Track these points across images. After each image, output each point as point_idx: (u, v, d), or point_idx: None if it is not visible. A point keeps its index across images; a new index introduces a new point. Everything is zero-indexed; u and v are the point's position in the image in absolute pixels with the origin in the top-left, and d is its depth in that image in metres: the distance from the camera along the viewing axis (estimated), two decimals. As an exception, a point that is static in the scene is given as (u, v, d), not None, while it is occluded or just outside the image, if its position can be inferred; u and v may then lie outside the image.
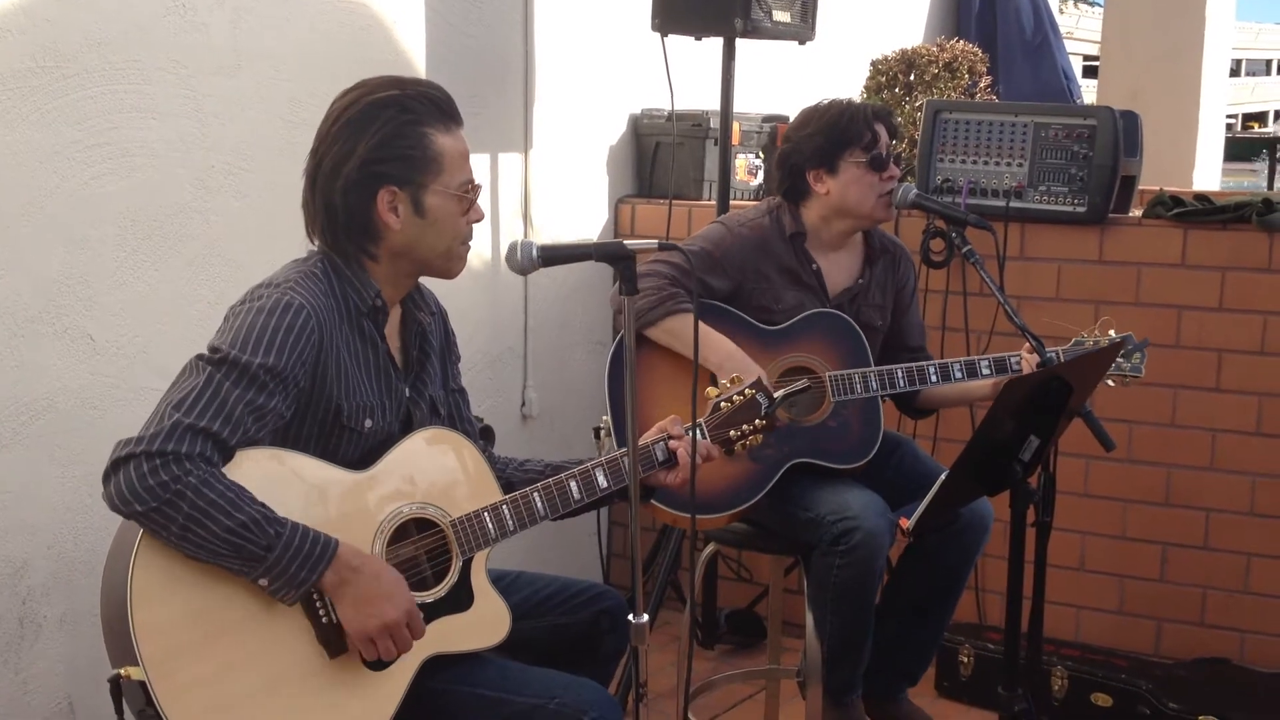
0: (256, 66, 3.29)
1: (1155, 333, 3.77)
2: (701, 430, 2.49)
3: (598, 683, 2.38)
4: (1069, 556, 4.03)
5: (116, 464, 2.04)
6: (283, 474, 2.16)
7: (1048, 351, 3.08)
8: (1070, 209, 3.94)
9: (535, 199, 4.23)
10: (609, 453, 2.46)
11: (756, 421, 2.53)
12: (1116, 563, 4.02)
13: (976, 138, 4.04)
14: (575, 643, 2.50)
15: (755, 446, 2.58)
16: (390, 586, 2.16)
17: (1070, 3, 12.21)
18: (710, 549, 3.42)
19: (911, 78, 4.70)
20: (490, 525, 2.32)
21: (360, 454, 2.28)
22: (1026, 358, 3.14)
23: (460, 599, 2.29)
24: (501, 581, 2.42)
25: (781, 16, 3.98)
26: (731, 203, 4.11)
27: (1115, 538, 4.02)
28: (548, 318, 4.34)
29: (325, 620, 2.14)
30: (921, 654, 3.33)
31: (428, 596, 2.26)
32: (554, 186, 4.31)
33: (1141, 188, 4.16)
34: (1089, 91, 8.53)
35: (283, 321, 2.15)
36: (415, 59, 3.74)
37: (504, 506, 2.33)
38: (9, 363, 2.83)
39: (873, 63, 4.81)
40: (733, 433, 2.52)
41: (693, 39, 4.05)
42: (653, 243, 2.38)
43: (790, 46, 4.18)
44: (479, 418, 2.65)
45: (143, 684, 2.01)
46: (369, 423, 2.27)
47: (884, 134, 3.23)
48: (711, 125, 4.43)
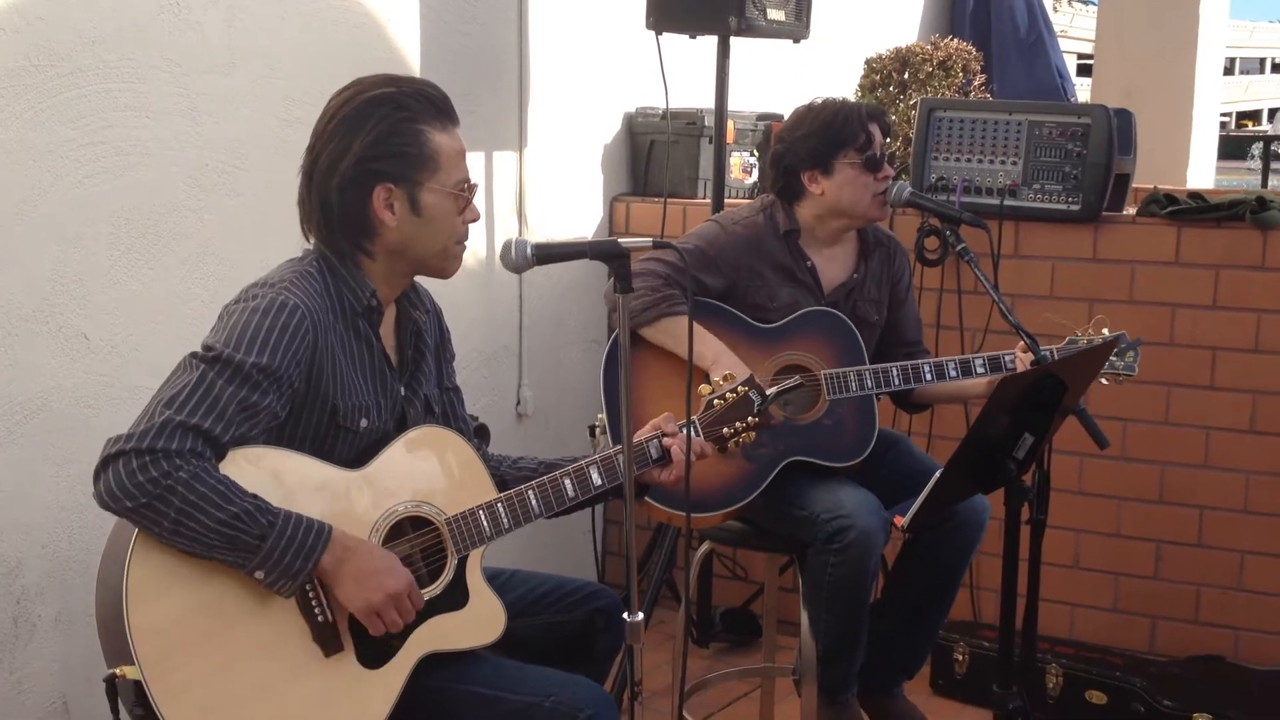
0: (251, 65, 3.28)
1: (1149, 331, 3.78)
2: (695, 428, 2.50)
3: (593, 681, 2.38)
4: (1063, 554, 4.04)
5: (106, 461, 2.04)
6: (277, 473, 2.16)
7: (1042, 350, 3.08)
8: (1064, 207, 3.94)
9: (530, 197, 4.23)
10: (604, 450, 2.46)
11: (749, 419, 2.53)
12: (1111, 560, 4.03)
13: (971, 136, 4.04)
14: (570, 641, 2.50)
15: (749, 444, 2.58)
16: (386, 561, 2.17)
17: (1064, 1, 12.22)
18: (705, 547, 3.42)
19: (906, 76, 4.70)
20: (485, 523, 2.32)
21: (355, 453, 2.28)
22: (1021, 356, 3.15)
23: (455, 597, 2.29)
24: (497, 580, 2.42)
25: (776, 15, 3.98)
26: (726, 201, 4.11)
27: (1110, 535, 4.02)
28: (543, 316, 4.34)
29: (321, 619, 2.14)
30: (918, 649, 3.34)
31: (423, 595, 2.26)
32: (549, 185, 4.31)
33: (1135, 186, 4.17)
34: (1083, 90, 8.54)
35: (277, 321, 2.15)
36: (410, 57, 3.74)
37: (499, 504, 2.34)
38: (3, 361, 2.83)
39: (867, 61, 4.82)
40: (726, 430, 2.52)
41: (687, 37, 4.05)
42: (648, 241, 2.38)
43: (785, 45, 4.18)
44: (474, 416, 2.65)
45: (138, 683, 2.01)
46: (364, 422, 2.27)
47: (878, 134, 3.23)
48: (706, 123, 4.43)
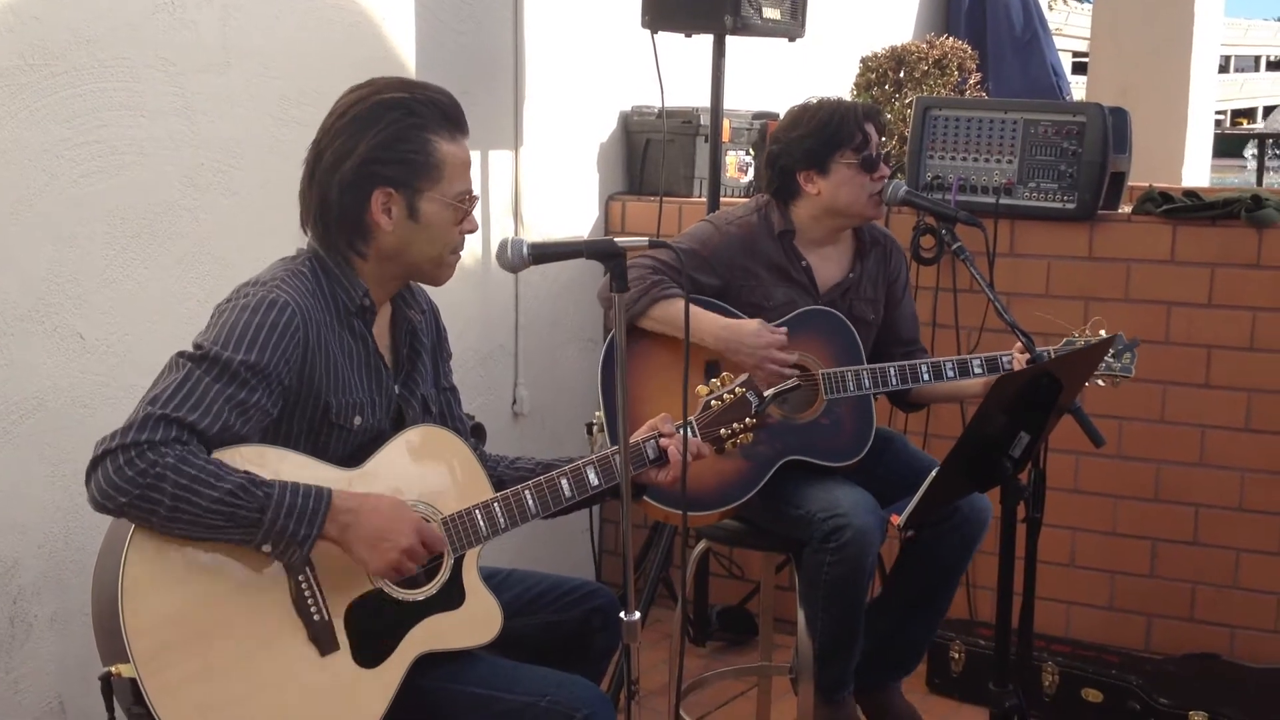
0: (246, 64, 3.28)
1: (1144, 329, 3.79)
2: (692, 428, 2.50)
3: (590, 680, 2.38)
4: (1059, 552, 4.05)
5: (94, 463, 2.04)
6: (271, 471, 2.15)
7: (1038, 349, 3.09)
8: (1060, 205, 3.95)
9: (526, 196, 4.22)
10: (601, 449, 2.46)
11: (747, 420, 2.53)
12: (1106, 558, 4.03)
13: (966, 134, 4.04)
14: (567, 640, 2.50)
15: (746, 444, 2.58)
16: (391, 515, 2.17)
17: (1059, -1, 12.23)
18: (702, 546, 3.43)
19: (901, 74, 4.70)
20: (482, 523, 2.32)
21: (350, 451, 2.27)
22: (1018, 357, 3.15)
23: (452, 597, 2.29)
24: (493, 579, 2.42)
25: (771, 13, 3.98)
26: (722, 200, 4.11)
27: (1105, 533, 4.03)
28: (539, 315, 4.34)
29: (317, 618, 2.14)
30: (915, 648, 3.34)
31: (419, 594, 2.26)
32: (544, 184, 4.31)
33: (1131, 184, 4.17)
34: (1078, 88, 8.54)
35: (267, 319, 2.15)
36: (405, 56, 3.74)
37: (495, 504, 2.33)
38: (-2, 361, 2.83)
39: (862, 60, 4.82)
40: (723, 431, 2.52)
41: (683, 36, 4.05)
42: (643, 240, 2.38)
43: (780, 43, 4.18)
44: (470, 415, 2.65)
45: (133, 681, 2.01)
46: (358, 420, 2.27)
47: (874, 134, 3.23)
48: (702, 122, 4.43)
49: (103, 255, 3.00)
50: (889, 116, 4.52)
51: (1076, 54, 11.58)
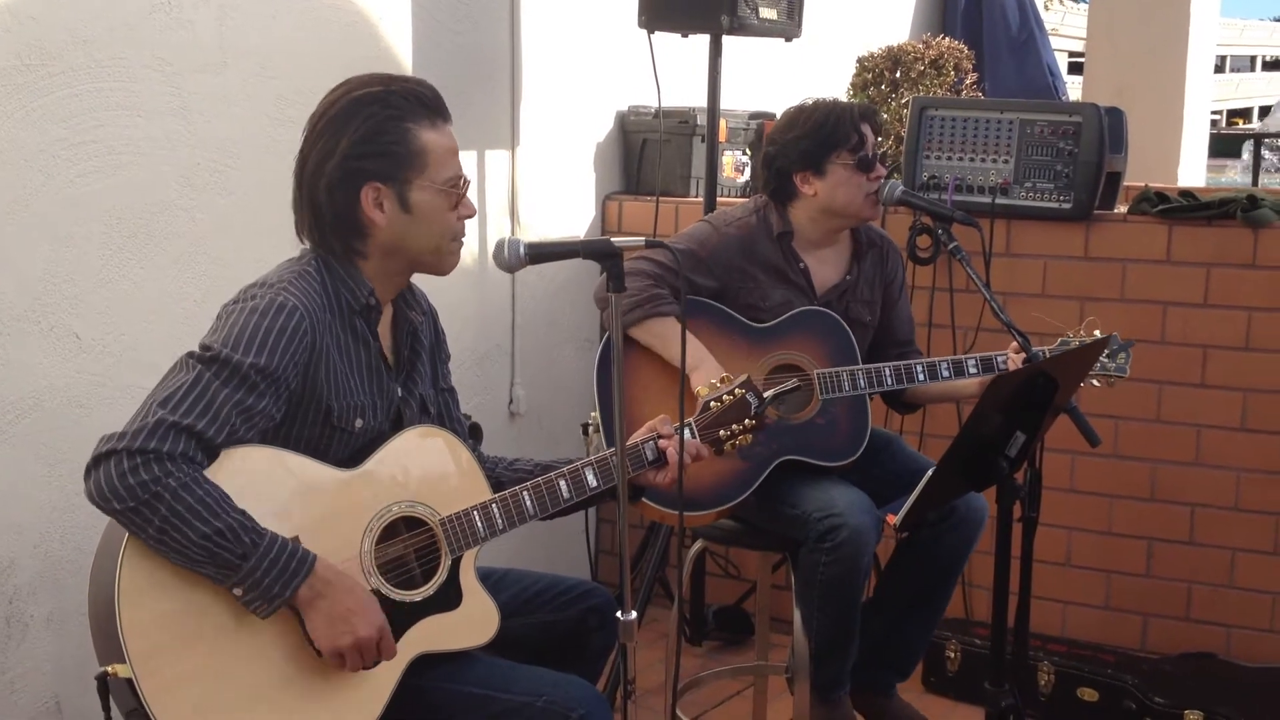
0: (243, 64, 3.28)
1: (1140, 329, 3.79)
2: (691, 429, 2.49)
3: (586, 680, 2.38)
4: (1055, 552, 4.05)
5: (98, 459, 2.03)
6: (271, 472, 2.16)
7: (1034, 350, 3.09)
8: (1056, 205, 3.95)
9: (522, 196, 4.22)
10: (597, 449, 2.47)
11: (746, 421, 2.53)
12: (1102, 558, 4.04)
13: (962, 134, 4.05)
14: (563, 640, 2.50)
15: (745, 446, 2.58)
16: (363, 603, 2.15)
17: (1055, -1, 12.23)
18: (698, 546, 3.43)
19: (897, 75, 4.70)
20: (479, 524, 2.31)
21: (350, 453, 2.27)
22: (1013, 357, 3.15)
23: (449, 597, 2.29)
24: (490, 579, 2.42)
25: (768, 14, 3.98)
26: (719, 199, 4.11)
27: (1101, 533, 4.03)
28: (535, 315, 4.34)
29: (314, 619, 2.14)
30: (912, 648, 3.34)
31: (416, 595, 2.26)
32: (541, 184, 4.31)
33: (1127, 184, 4.18)
34: (1074, 88, 8.54)
35: (275, 322, 2.14)
36: (402, 56, 3.74)
37: (493, 505, 2.33)
38: (-5, 361, 2.83)
39: (859, 60, 4.82)
40: (722, 432, 2.52)
41: (679, 36, 4.05)
42: (640, 240, 2.37)
43: (777, 44, 4.18)
44: (466, 415, 2.65)
45: (130, 681, 2.01)
46: (360, 422, 2.27)
47: (870, 134, 3.23)
48: (698, 122, 4.43)
49: (99, 255, 3.00)
50: (885, 117, 4.53)
51: (1072, 54, 11.58)
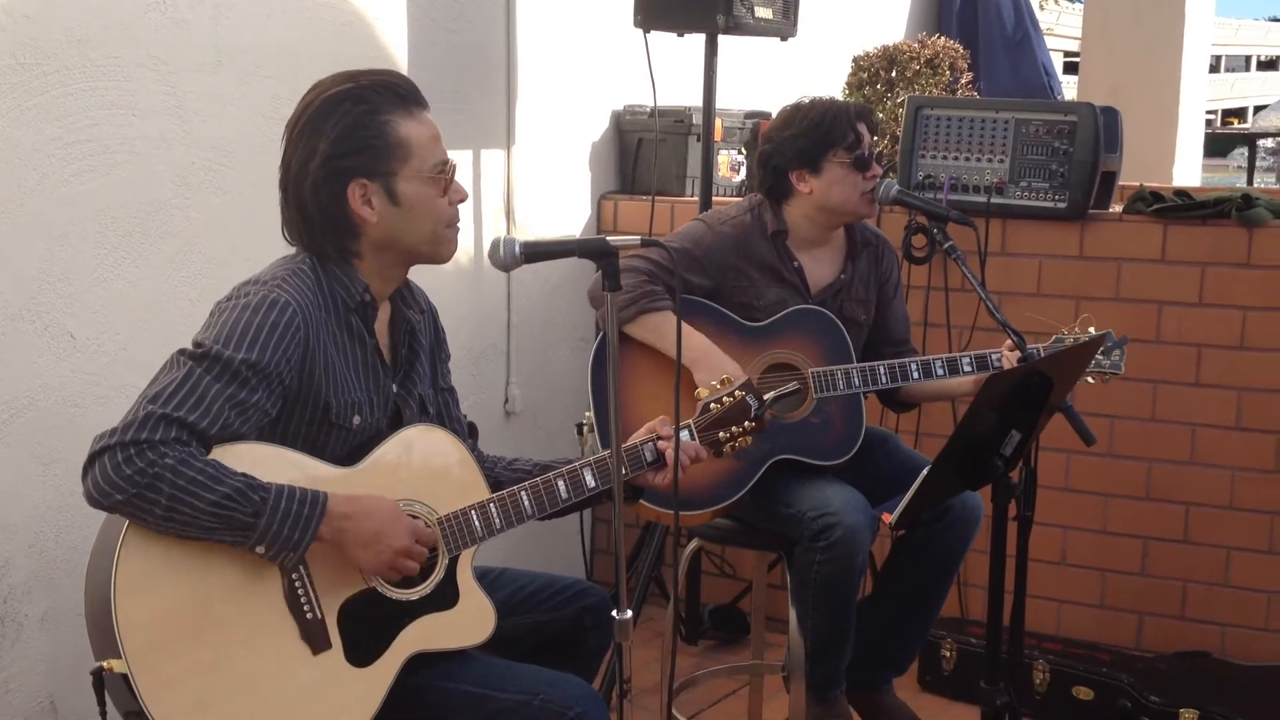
0: (238, 63, 3.28)
1: (1135, 328, 3.79)
2: (690, 431, 2.49)
3: (582, 679, 2.38)
4: (1050, 551, 4.05)
5: (92, 458, 2.03)
6: (268, 470, 2.15)
7: (1029, 348, 3.09)
8: (1051, 205, 3.95)
9: (518, 195, 4.22)
10: (591, 449, 2.46)
11: (746, 424, 2.52)
12: (1097, 557, 4.04)
13: (958, 134, 4.05)
14: (559, 639, 2.50)
15: (744, 448, 2.58)
16: (384, 518, 2.17)
17: (1051, -1, 12.24)
18: (694, 545, 3.43)
19: (893, 74, 4.71)
20: (477, 523, 2.31)
21: (348, 450, 2.27)
22: (1008, 355, 3.15)
23: (446, 596, 2.29)
24: (485, 578, 2.42)
25: (764, 13, 3.98)
26: (714, 199, 4.11)
27: (1096, 532, 4.04)
28: (531, 314, 4.34)
29: (310, 616, 2.14)
30: (908, 646, 3.34)
31: (413, 594, 2.26)
32: (537, 183, 4.31)
33: (1122, 183, 4.18)
34: (1069, 88, 8.56)
35: (268, 318, 2.14)
36: (397, 55, 3.73)
37: (491, 505, 2.33)
38: (-11, 361, 2.82)
39: (854, 59, 4.83)
40: (722, 434, 2.52)
41: (675, 35, 4.05)
42: (635, 239, 2.37)
43: (772, 43, 4.19)
44: (463, 414, 2.65)
45: (125, 677, 2.01)
46: (357, 419, 2.27)
47: (866, 133, 3.23)
48: (694, 121, 4.43)
49: (94, 254, 3.00)
50: (881, 116, 4.53)
51: (1068, 54, 11.59)
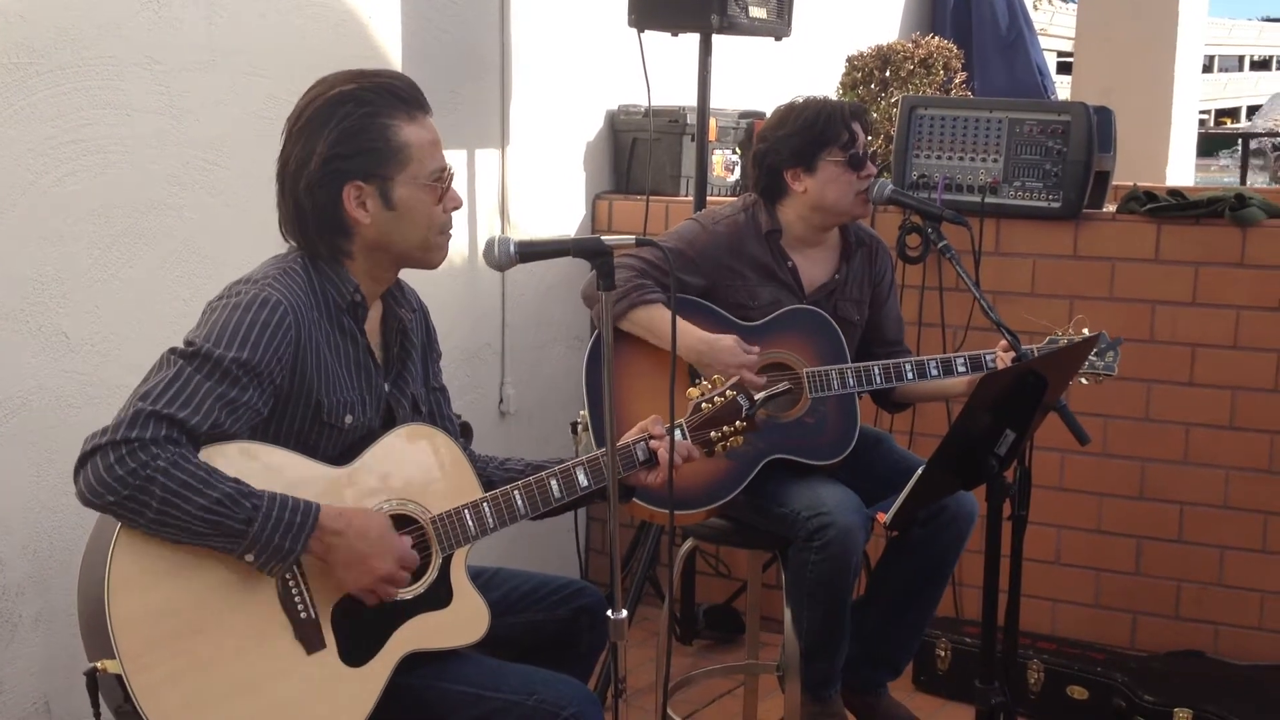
0: (232, 62, 3.27)
1: (1129, 327, 3.80)
2: (682, 430, 2.49)
3: (577, 679, 2.38)
4: (1045, 550, 4.06)
5: (84, 458, 2.03)
6: (260, 469, 2.15)
7: (1023, 348, 3.10)
8: (1045, 204, 3.96)
9: (512, 195, 4.22)
10: (586, 448, 2.47)
11: (738, 423, 2.53)
12: (1092, 556, 4.05)
13: (952, 133, 4.05)
14: (554, 639, 2.50)
15: (738, 447, 2.58)
16: (375, 540, 2.16)
17: (1044, -1, 12.26)
18: (688, 545, 3.43)
19: (887, 74, 4.71)
20: (470, 522, 2.31)
21: (340, 450, 2.27)
22: (1002, 356, 3.16)
23: (439, 596, 2.29)
24: (480, 578, 2.42)
25: (758, 13, 3.99)
26: (708, 198, 4.12)
27: (1090, 531, 4.04)
28: (526, 314, 4.34)
29: (304, 616, 2.14)
30: (905, 645, 3.34)
31: (406, 593, 2.26)
32: (531, 182, 4.30)
33: (1115, 183, 4.18)
34: (1063, 87, 8.56)
35: (259, 317, 2.14)
36: (391, 54, 3.73)
37: (484, 504, 2.33)
38: (-17, 360, 2.82)
39: (848, 59, 4.83)
40: (713, 433, 2.52)
41: (669, 35, 4.05)
42: (630, 238, 2.37)
43: (766, 43, 4.19)
44: (457, 414, 2.65)
45: (119, 677, 2.00)
46: (349, 418, 2.27)
47: (860, 132, 3.23)
48: (688, 121, 4.43)
49: (88, 254, 2.99)
50: (875, 115, 4.53)
51: (1061, 53, 11.61)
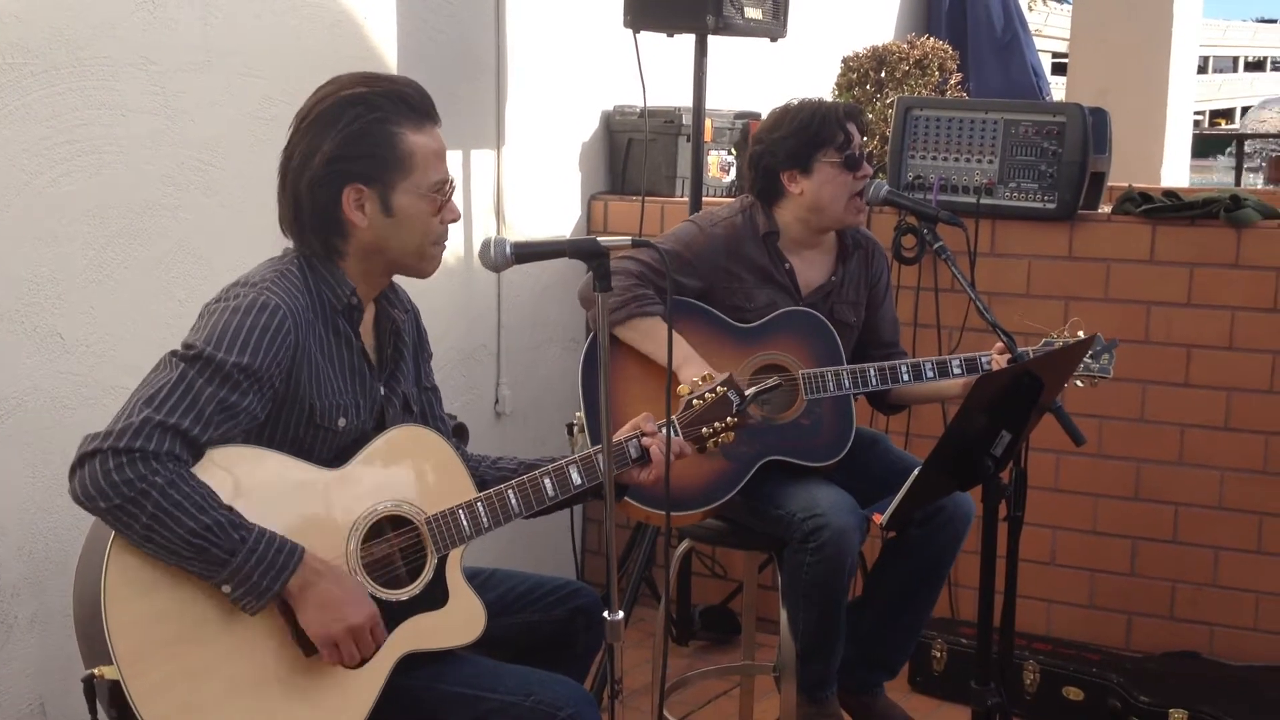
0: (227, 62, 3.27)
1: (1124, 328, 3.80)
2: (674, 427, 2.50)
3: (574, 680, 2.38)
4: (1040, 551, 4.06)
5: (83, 459, 2.02)
6: (255, 472, 2.15)
7: (1019, 350, 3.10)
8: (1040, 205, 3.96)
9: (508, 196, 4.22)
10: (582, 449, 2.46)
11: (728, 419, 2.54)
12: (1087, 557, 4.05)
13: (947, 134, 4.05)
14: (551, 640, 2.50)
15: (728, 444, 2.58)
16: (353, 591, 2.15)
17: (1039, 0, 12.26)
18: (684, 546, 3.43)
19: (882, 75, 4.71)
20: (465, 522, 2.31)
21: (334, 452, 2.27)
22: (997, 358, 3.16)
23: (435, 596, 2.29)
24: (476, 579, 2.41)
25: (753, 13, 3.99)
26: (704, 199, 4.12)
27: (1086, 532, 4.05)
28: (521, 315, 4.34)
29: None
30: (901, 646, 3.34)
31: (402, 594, 2.26)
32: (527, 183, 4.30)
33: (1110, 184, 4.19)
34: (1058, 88, 8.57)
35: (259, 321, 2.14)
36: (387, 55, 3.73)
37: (479, 504, 2.33)
38: (-23, 361, 2.81)
39: (844, 60, 4.83)
40: (705, 430, 2.53)
41: (665, 35, 4.05)
42: (626, 239, 2.38)
43: (762, 43, 4.19)
44: (452, 415, 2.65)
45: (116, 683, 2.00)
46: (343, 421, 2.26)
47: (856, 134, 3.23)
48: (684, 122, 4.43)
49: (82, 255, 2.99)
50: (870, 117, 4.53)
51: (1056, 55, 11.61)
